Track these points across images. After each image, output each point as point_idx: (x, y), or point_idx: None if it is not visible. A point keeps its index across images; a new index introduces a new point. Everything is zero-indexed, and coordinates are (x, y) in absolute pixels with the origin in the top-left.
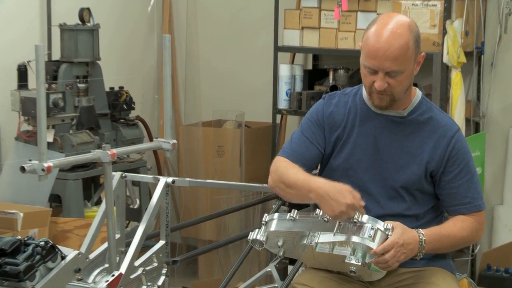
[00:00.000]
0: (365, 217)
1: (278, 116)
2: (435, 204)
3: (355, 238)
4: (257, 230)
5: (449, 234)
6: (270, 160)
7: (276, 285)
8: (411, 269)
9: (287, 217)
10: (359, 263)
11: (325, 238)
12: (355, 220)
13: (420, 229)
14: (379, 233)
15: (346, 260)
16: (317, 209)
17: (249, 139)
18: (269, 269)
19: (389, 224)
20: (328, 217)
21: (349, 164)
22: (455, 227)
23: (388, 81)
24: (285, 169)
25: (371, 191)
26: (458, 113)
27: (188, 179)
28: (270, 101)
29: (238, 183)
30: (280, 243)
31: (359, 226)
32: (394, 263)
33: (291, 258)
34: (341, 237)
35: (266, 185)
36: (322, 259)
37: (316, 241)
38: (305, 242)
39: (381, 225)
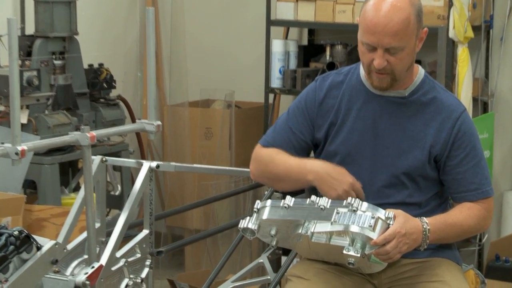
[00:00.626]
0: (364, 205)
1: (271, 96)
2: (439, 191)
3: (354, 228)
4: (248, 218)
5: (455, 222)
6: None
7: (269, 277)
8: (414, 260)
9: (281, 204)
10: (358, 255)
11: (321, 227)
12: (354, 208)
13: (424, 218)
14: (380, 222)
15: (344, 252)
16: (313, 196)
17: (239, 120)
18: (261, 260)
19: (391, 212)
20: (325, 205)
21: (346, 150)
22: (461, 215)
23: (388, 58)
24: (270, 157)
25: (370, 178)
26: (464, 92)
27: (173, 163)
28: (262, 79)
29: (227, 167)
30: (273, 232)
31: (359, 215)
32: (396, 254)
33: (285, 248)
34: (338, 227)
35: None
36: (318, 249)
37: (312, 230)
38: (300, 231)
39: (382, 213)
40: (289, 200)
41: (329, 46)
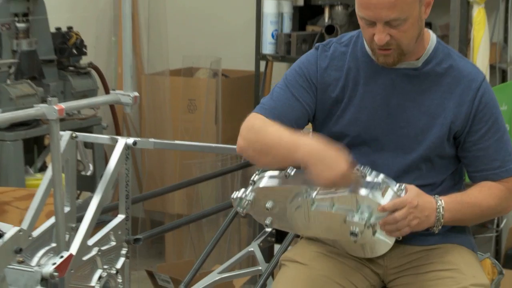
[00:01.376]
0: (374, 173)
1: (262, 63)
2: (454, 170)
3: (361, 191)
4: (243, 189)
5: (473, 202)
6: None
7: (260, 267)
8: (423, 248)
9: (280, 173)
10: (363, 222)
11: (324, 192)
12: (362, 174)
13: (438, 196)
14: (390, 190)
15: (347, 219)
16: None
17: (226, 91)
18: (252, 249)
19: (403, 184)
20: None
21: (355, 131)
22: (480, 194)
23: (390, 32)
24: (263, 126)
25: (381, 164)
26: (481, 58)
27: (152, 139)
28: (253, 44)
29: (213, 144)
30: (269, 205)
31: (367, 182)
32: (405, 228)
33: (279, 231)
34: (343, 191)
35: None
36: (318, 222)
37: (313, 196)
38: (300, 199)
39: (393, 183)
40: (290, 169)
41: (328, 7)
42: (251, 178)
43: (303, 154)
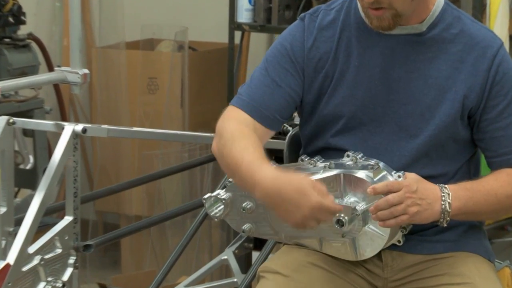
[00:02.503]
0: (367, 159)
1: (237, 34)
2: (470, 157)
3: (347, 172)
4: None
5: (487, 189)
6: (227, 99)
7: (235, 279)
8: (430, 257)
9: None
10: (350, 206)
11: (309, 178)
12: (352, 158)
13: (442, 185)
14: (383, 172)
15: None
16: (303, 157)
17: (195, 67)
18: (225, 257)
19: (401, 171)
20: (316, 160)
21: (349, 112)
22: (496, 182)
23: None
24: (230, 139)
25: (382, 150)
26: (498, 28)
27: (105, 126)
28: (226, 12)
29: (179, 132)
30: (247, 205)
31: (360, 165)
32: (402, 215)
33: (258, 238)
34: (329, 172)
35: None
36: None
37: None
38: None
39: (389, 168)
40: (273, 163)
41: None
42: (226, 178)
43: (260, 195)
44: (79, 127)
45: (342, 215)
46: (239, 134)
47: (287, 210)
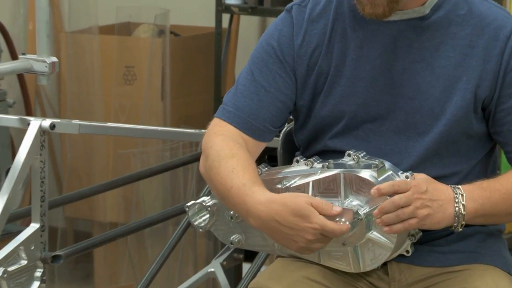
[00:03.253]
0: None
1: (225, 17)
2: (487, 154)
3: (348, 171)
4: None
5: (506, 189)
6: (214, 91)
7: None
8: (442, 270)
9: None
10: (352, 210)
11: (305, 179)
12: (353, 157)
13: (456, 185)
14: (389, 172)
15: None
16: (298, 157)
17: (177, 54)
18: (212, 270)
19: (409, 172)
20: (313, 160)
21: (349, 111)
22: None
23: None
24: (217, 158)
25: (388, 151)
26: None
27: (76, 121)
28: None
29: (159, 128)
30: (234, 214)
31: (363, 164)
32: (410, 218)
33: (248, 250)
34: (327, 172)
35: (205, 131)
36: None
37: (291, 183)
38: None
39: (397, 170)
40: (264, 165)
41: None
42: None
43: (255, 223)
44: (46, 122)
45: (343, 219)
46: (226, 153)
47: (288, 237)
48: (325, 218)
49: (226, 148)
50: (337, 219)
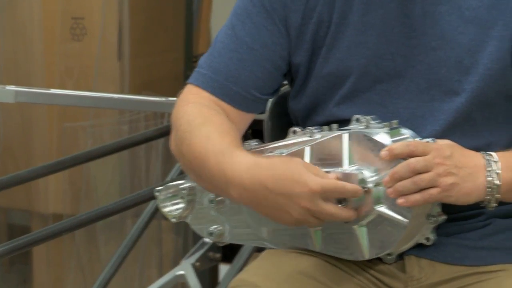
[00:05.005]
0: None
1: None
2: None
3: (354, 131)
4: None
5: None
6: (184, 51)
7: None
8: (475, 269)
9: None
10: (356, 174)
11: (301, 146)
12: (363, 121)
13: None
14: (405, 136)
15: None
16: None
17: (138, 3)
18: (181, 272)
19: (431, 138)
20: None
21: (357, 67)
22: None
23: None
24: (188, 129)
25: (408, 115)
26: None
27: (12, 87)
28: None
29: (116, 95)
30: (216, 197)
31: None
32: (429, 187)
33: (227, 246)
34: (331, 134)
35: (174, 99)
36: None
37: (283, 153)
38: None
39: (416, 136)
40: (256, 141)
41: None
42: None
43: (237, 194)
44: None
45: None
46: (199, 121)
47: (279, 208)
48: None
49: (199, 115)
50: None
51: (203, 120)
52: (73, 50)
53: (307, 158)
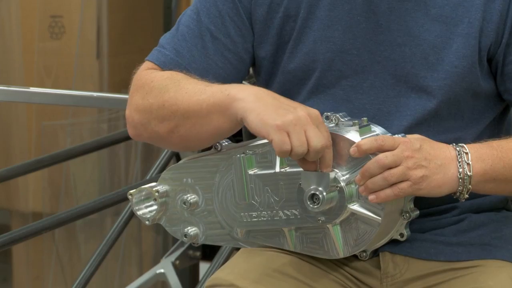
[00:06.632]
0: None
1: None
2: (496, 117)
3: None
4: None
5: None
6: None
7: None
8: (450, 265)
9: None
10: (328, 174)
11: (270, 148)
12: (333, 119)
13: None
14: (374, 128)
15: (302, 178)
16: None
17: (116, 2)
18: (161, 271)
19: (401, 134)
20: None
21: (323, 61)
22: None
23: None
24: (165, 84)
25: (374, 111)
26: None
27: None
28: None
29: (95, 93)
30: (190, 198)
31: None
32: (400, 182)
33: (208, 244)
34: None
35: None
36: (261, 196)
37: (258, 151)
38: (233, 168)
39: (385, 133)
40: (226, 140)
41: None
42: (159, 164)
43: (241, 105)
44: None
45: (320, 188)
46: (178, 77)
47: (280, 106)
48: None
49: (175, 74)
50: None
51: (183, 76)
52: (52, 49)
53: (277, 160)
